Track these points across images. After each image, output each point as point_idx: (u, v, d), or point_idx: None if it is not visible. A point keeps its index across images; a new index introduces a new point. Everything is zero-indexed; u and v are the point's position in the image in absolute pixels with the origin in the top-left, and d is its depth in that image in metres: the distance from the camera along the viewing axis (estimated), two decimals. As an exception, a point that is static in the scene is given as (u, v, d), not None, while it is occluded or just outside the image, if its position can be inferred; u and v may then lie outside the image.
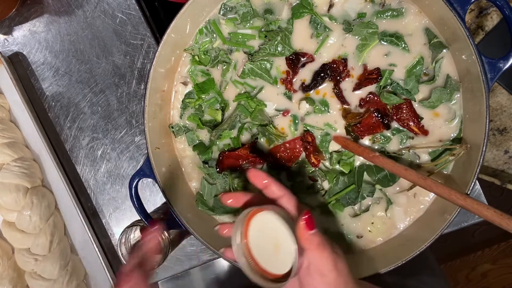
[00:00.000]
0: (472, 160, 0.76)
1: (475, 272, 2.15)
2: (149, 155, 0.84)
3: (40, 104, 1.06)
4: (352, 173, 0.85)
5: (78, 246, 1.04)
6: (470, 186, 0.74)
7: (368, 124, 0.82)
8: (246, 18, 0.86)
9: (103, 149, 1.05)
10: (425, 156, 0.84)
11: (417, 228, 0.84)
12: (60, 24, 1.04)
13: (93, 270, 1.03)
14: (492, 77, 0.73)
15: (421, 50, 0.82)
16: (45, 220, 0.98)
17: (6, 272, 0.99)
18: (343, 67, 0.83)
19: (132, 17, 1.01)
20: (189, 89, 0.91)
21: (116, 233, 1.06)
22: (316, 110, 0.85)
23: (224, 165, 0.87)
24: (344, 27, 0.83)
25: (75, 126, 1.06)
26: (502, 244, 2.10)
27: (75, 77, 1.05)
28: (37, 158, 1.03)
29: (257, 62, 0.86)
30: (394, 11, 0.81)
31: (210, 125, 0.90)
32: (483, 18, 1.21)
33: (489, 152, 1.30)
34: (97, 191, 1.06)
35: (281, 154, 0.86)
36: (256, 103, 0.86)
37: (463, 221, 0.96)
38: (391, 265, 0.78)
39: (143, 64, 1.03)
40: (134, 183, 0.86)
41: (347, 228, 0.87)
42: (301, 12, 0.84)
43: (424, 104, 0.82)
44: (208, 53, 0.89)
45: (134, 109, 1.04)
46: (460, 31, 0.73)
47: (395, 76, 0.83)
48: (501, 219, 0.64)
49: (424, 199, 0.84)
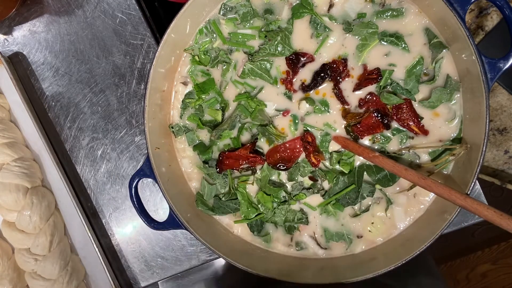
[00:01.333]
0: (472, 160, 0.76)
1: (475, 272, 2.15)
2: (149, 155, 0.84)
3: (40, 104, 1.06)
4: (352, 173, 0.85)
5: (78, 246, 1.04)
6: (470, 186, 0.74)
7: (368, 124, 0.82)
8: (246, 18, 0.86)
9: (103, 149, 1.05)
10: (425, 156, 0.84)
11: (417, 228, 0.84)
12: (60, 24, 1.04)
13: (93, 270, 1.03)
14: (492, 77, 0.73)
15: (421, 50, 0.82)
16: (45, 220, 0.98)
17: (6, 272, 0.99)
18: (343, 67, 0.83)
19: (132, 17, 1.01)
20: (189, 89, 0.91)
21: (116, 233, 1.06)
22: (316, 110, 0.85)
23: (224, 165, 0.87)
24: (344, 27, 0.83)
25: (75, 126, 1.06)
26: (502, 244, 2.10)
27: (75, 77, 1.05)
28: (37, 158, 1.03)
29: (257, 62, 0.86)
30: (394, 11, 0.81)
31: (210, 125, 0.90)
32: (483, 18, 1.21)
33: (489, 152, 1.30)
34: (97, 191, 1.06)
35: (281, 154, 0.86)
36: (256, 103, 0.86)
37: (463, 221, 0.96)
38: (391, 265, 0.78)
39: (143, 64, 1.03)
40: (134, 183, 0.86)
41: (347, 228, 0.87)
42: (301, 12, 0.84)
43: (424, 104, 0.82)
44: (208, 53, 0.89)
45: (134, 109, 1.04)
46: (460, 31, 0.73)
47: (395, 76, 0.83)
48: (501, 219, 0.64)
49: (424, 199, 0.84)
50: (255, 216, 0.88)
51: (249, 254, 0.88)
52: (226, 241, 0.90)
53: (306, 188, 0.88)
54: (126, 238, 1.06)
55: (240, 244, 0.90)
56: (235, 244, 0.90)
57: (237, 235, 0.91)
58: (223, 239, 0.89)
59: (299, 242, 0.89)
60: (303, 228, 0.89)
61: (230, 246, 0.88)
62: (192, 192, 0.93)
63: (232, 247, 0.88)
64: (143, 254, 1.06)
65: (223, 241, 0.88)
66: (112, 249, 1.07)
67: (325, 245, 0.88)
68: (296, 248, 0.89)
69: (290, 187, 0.89)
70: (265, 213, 0.87)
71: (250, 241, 0.91)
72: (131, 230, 1.06)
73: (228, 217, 0.91)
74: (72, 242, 1.04)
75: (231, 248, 0.88)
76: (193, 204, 0.91)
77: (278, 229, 0.90)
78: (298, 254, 0.89)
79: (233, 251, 0.86)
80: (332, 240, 0.87)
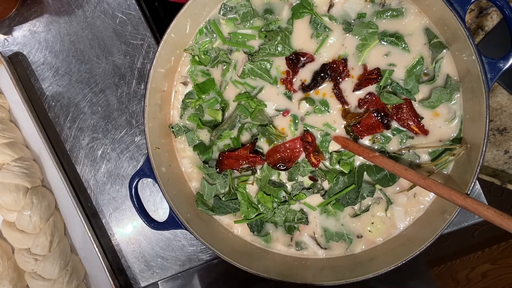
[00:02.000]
0: (472, 160, 0.76)
1: (475, 272, 2.15)
2: (149, 155, 0.84)
3: (40, 104, 1.06)
4: (352, 173, 0.85)
5: (78, 246, 1.04)
6: (470, 186, 0.74)
7: (368, 124, 0.82)
8: (246, 18, 0.86)
9: (103, 149, 1.05)
10: (425, 156, 0.84)
11: (417, 228, 0.84)
12: (60, 24, 1.04)
13: (93, 270, 1.03)
14: (492, 77, 0.73)
15: (421, 50, 0.82)
16: (45, 220, 0.98)
17: (6, 272, 0.99)
18: (343, 67, 0.83)
19: (132, 17, 1.01)
20: (189, 89, 0.91)
21: (116, 233, 1.06)
22: (316, 110, 0.85)
23: (224, 165, 0.87)
24: (344, 27, 0.83)
25: (75, 126, 1.06)
26: (502, 244, 2.10)
27: (75, 77, 1.05)
28: (37, 158, 1.03)
29: (257, 62, 0.86)
30: (394, 11, 0.81)
31: (210, 125, 0.90)
32: (483, 18, 1.21)
33: (489, 152, 1.30)
34: (97, 191, 1.06)
35: (281, 154, 0.86)
36: (256, 103, 0.86)
37: (463, 221, 0.96)
38: (391, 265, 0.78)
39: (143, 64, 1.03)
40: (134, 183, 0.86)
41: (347, 228, 0.87)
42: (301, 12, 0.84)
43: (424, 104, 0.82)
44: (208, 53, 0.89)
45: (134, 109, 1.04)
46: (460, 31, 0.73)
47: (395, 76, 0.83)
48: (501, 219, 0.64)
49: (424, 199, 0.84)
50: (255, 216, 0.88)
51: (249, 254, 0.88)
52: (226, 241, 0.90)
53: (306, 188, 0.88)
54: (126, 238, 1.06)
55: (240, 244, 0.90)
56: (235, 244, 0.90)
57: (237, 235, 0.91)
58: (223, 239, 0.89)
59: (299, 242, 0.89)
60: (303, 228, 0.89)
61: (230, 246, 0.88)
62: (192, 192, 0.93)
63: (232, 247, 0.88)
64: (143, 254, 1.06)
65: (223, 241, 0.89)
66: (112, 249, 1.07)
67: (325, 245, 0.88)
68: (296, 248, 0.89)
69: (290, 187, 0.89)
70: (265, 213, 0.87)
71: (250, 241, 0.91)
72: (131, 230, 1.06)
73: (228, 217, 0.91)
74: (72, 242, 1.04)
75: (231, 248, 0.88)
76: (193, 204, 0.91)
77: (278, 229, 0.90)
78: (298, 254, 0.89)
79: (233, 251, 0.86)
80: (332, 240, 0.87)
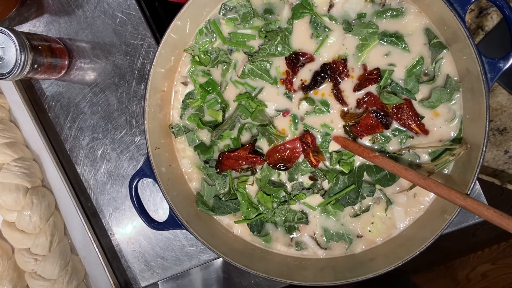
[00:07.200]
0: (472, 160, 0.76)
1: (475, 272, 2.15)
2: (149, 155, 0.84)
3: (40, 104, 1.06)
4: (352, 173, 0.85)
5: (78, 246, 1.04)
6: (470, 186, 0.74)
7: (367, 125, 0.82)
8: (246, 18, 0.86)
9: (103, 149, 1.05)
10: (425, 156, 0.84)
11: (417, 228, 0.84)
12: (60, 24, 1.04)
13: (93, 270, 1.03)
14: (492, 77, 0.73)
15: (421, 50, 0.82)
16: (45, 220, 0.98)
17: (6, 272, 0.99)
18: (343, 67, 0.83)
19: (132, 17, 1.01)
20: (189, 89, 0.91)
21: (116, 233, 1.06)
22: (316, 110, 0.85)
23: (224, 166, 0.87)
24: (344, 27, 0.83)
25: (75, 126, 1.06)
26: (502, 244, 2.10)
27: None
28: (37, 158, 1.03)
29: (257, 63, 0.86)
30: (394, 11, 0.81)
31: (211, 125, 0.90)
32: (483, 18, 1.21)
33: (489, 152, 1.30)
34: (97, 191, 1.06)
35: (281, 154, 0.86)
36: (256, 103, 0.86)
37: (463, 221, 0.96)
38: (391, 265, 0.78)
39: (143, 64, 1.03)
40: (134, 183, 0.86)
41: (347, 228, 0.87)
42: (301, 12, 0.84)
43: (424, 104, 0.82)
44: (208, 53, 0.89)
45: (134, 109, 1.04)
46: (460, 31, 0.73)
47: (395, 76, 0.83)
48: (501, 219, 0.64)
49: (424, 199, 0.84)
50: (255, 216, 0.88)
51: (249, 254, 0.88)
52: (226, 241, 0.90)
53: (306, 188, 0.88)
54: (126, 238, 1.06)
55: (240, 244, 0.90)
56: (235, 244, 0.90)
57: (237, 235, 0.91)
58: (223, 239, 0.89)
59: (299, 242, 0.89)
60: (303, 228, 0.89)
61: (230, 246, 0.88)
62: (192, 192, 0.93)
63: (232, 247, 0.88)
64: (143, 254, 1.06)
65: (223, 241, 0.89)
66: (112, 249, 1.07)
67: (325, 245, 0.88)
68: (296, 248, 0.89)
69: (290, 187, 0.89)
70: (265, 213, 0.87)
71: (250, 241, 0.91)
72: (131, 230, 1.06)
73: (228, 217, 0.91)
74: (72, 242, 1.04)
75: (231, 248, 0.88)
76: (193, 204, 0.91)
77: (278, 229, 0.90)
78: (298, 254, 0.89)
79: (233, 251, 0.86)
80: (332, 240, 0.87)
